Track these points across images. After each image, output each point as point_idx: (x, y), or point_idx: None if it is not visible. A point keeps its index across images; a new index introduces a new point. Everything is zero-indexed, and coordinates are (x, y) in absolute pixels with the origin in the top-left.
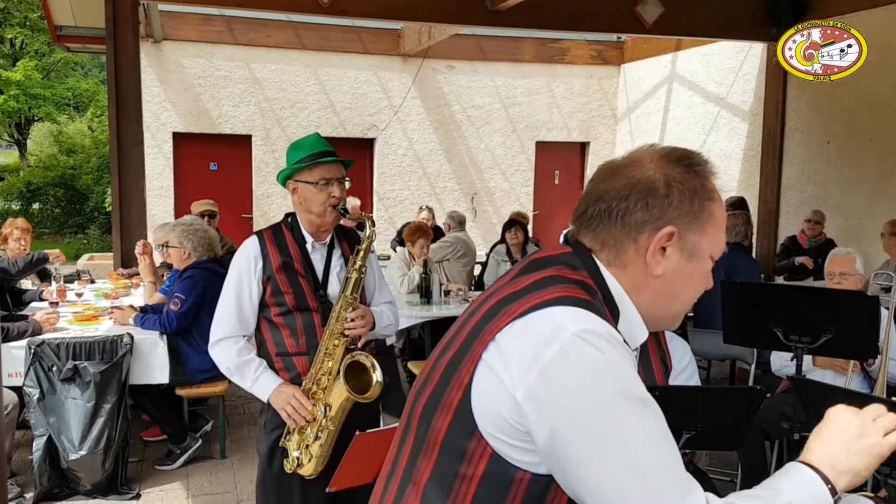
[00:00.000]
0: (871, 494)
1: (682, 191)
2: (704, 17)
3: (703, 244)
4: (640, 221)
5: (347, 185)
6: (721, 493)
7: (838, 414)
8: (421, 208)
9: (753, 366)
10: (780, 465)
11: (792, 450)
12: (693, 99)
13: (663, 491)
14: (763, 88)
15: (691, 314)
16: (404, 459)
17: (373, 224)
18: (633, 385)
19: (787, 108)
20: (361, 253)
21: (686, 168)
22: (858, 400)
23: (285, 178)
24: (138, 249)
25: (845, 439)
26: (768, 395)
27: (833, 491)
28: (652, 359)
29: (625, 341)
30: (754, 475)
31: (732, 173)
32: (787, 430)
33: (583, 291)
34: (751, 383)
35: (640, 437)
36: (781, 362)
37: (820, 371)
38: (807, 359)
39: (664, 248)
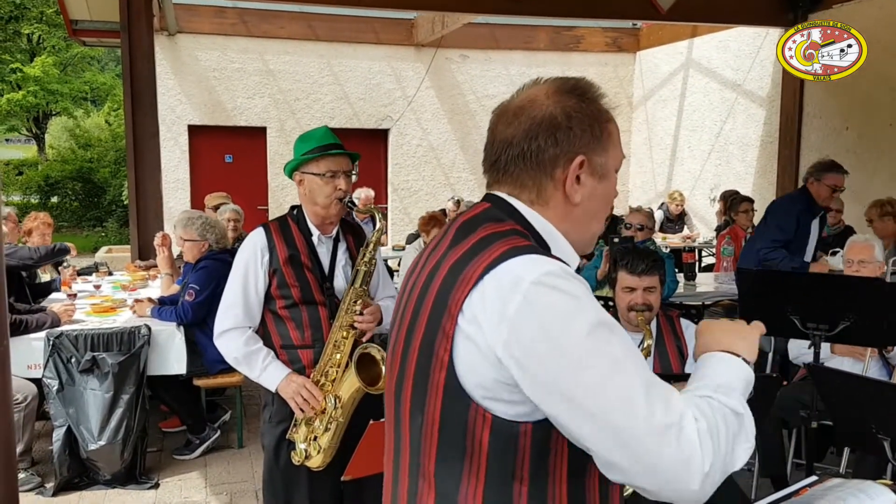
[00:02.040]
0: (890, 482)
1: (581, 119)
2: (720, 2)
3: (609, 163)
4: (552, 157)
5: (354, 178)
6: (740, 485)
7: (708, 322)
8: (452, 199)
9: (771, 353)
10: (797, 454)
11: (810, 438)
12: (709, 85)
13: (651, 403)
14: (780, 74)
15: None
16: (405, 457)
17: (383, 217)
18: (596, 314)
19: (804, 93)
20: (371, 246)
21: (580, 97)
22: (875, 387)
23: (292, 170)
24: (157, 241)
25: (724, 330)
26: (785, 382)
27: (746, 361)
28: (668, 347)
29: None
30: (771, 464)
31: (749, 160)
32: (805, 417)
33: (520, 238)
34: (768, 371)
35: (614, 362)
36: (799, 350)
37: (838, 358)
38: (825, 346)
39: (578, 177)
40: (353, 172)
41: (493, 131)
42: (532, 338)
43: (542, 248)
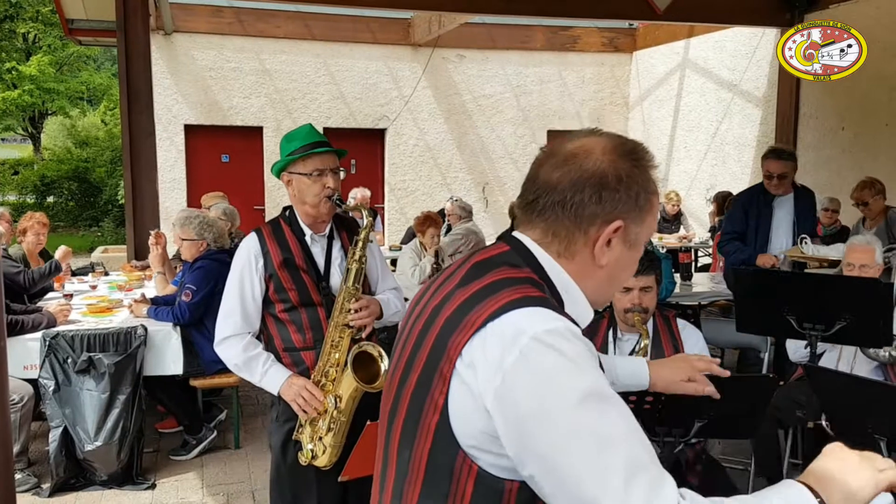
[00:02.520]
0: None
1: (630, 185)
2: (717, 2)
3: (643, 234)
4: (592, 215)
5: (343, 175)
6: (736, 482)
7: (836, 447)
8: (451, 199)
9: (767, 354)
10: (793, 453)
11: (806, 438)
12: (706, 86)
13: (630, 490)
14: (777, 74)
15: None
16: (389, 486)
17: (370, 214)
18: (592, 382)
19: (800, 93)
20: (360, 243)
21: (634, 162)
22: (871, 387)
23: (279, 171)
24: (151, 239)
25: (843, 464)
26: (781, 382)
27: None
28: (665, 347)
29: (584, 333)
30: (767, 464)
31: (746, 160)
32: (801, 418)
33: (530, 287)
34: (764, 371)
35: (602, 436)
36: (798, 349)
37: (835, 355)
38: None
39: (610, 241)
40: (341, 169)
41: (538, 170)
42: (521, 394)
43: (555, 300)
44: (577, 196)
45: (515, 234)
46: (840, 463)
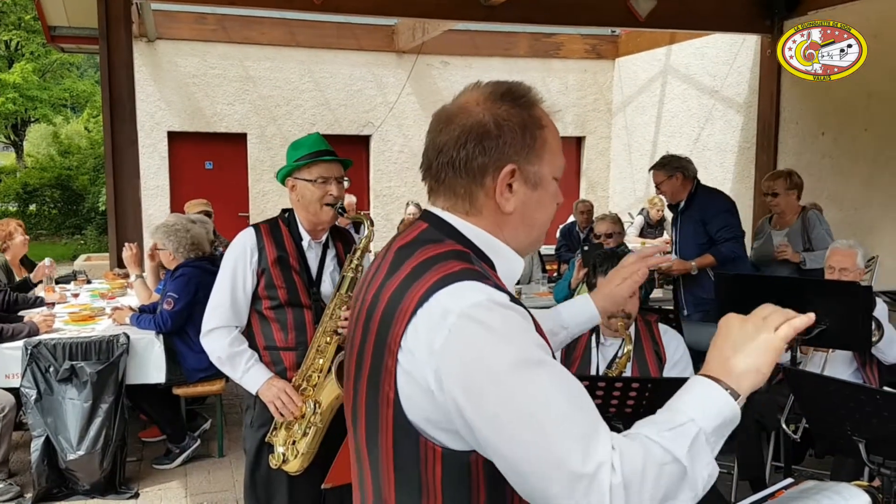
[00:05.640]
0: (865, 483)
1: (512, 127)
2: (698, 9)
3: (544, 171)
4: (481, 166)
5: (346, 184)
6: (719, 487)
7: (727, 322)
8: (408, 204)
9: None
10: (776, 455)
11: (788, 440)
12: (688, 92)
13: (566, 450)
14: (757, 80)
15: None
16: (369, 488)
17: (371, 224)
18: (522, 350)
19: (781, 99)
20: (359, 252)
21: (511, 103)
22: (850, 389)
23: (284, 176)
24: (125, 253)
25: (736, 342)
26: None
27: (735, 394)
28: (646, 351)
29: (514, 300)
30: (750, 466)
31: (728, 165)
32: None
33: (454, 261)
34: None
35: (535, 402)
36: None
37: (819, 357)
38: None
39: (510, 185)
40: (346, 178)
41: (429, 137)
42: (454, 374)
43: (484, 262)
44: (462, 152)
45: (427, 207)
46: (735, 339)
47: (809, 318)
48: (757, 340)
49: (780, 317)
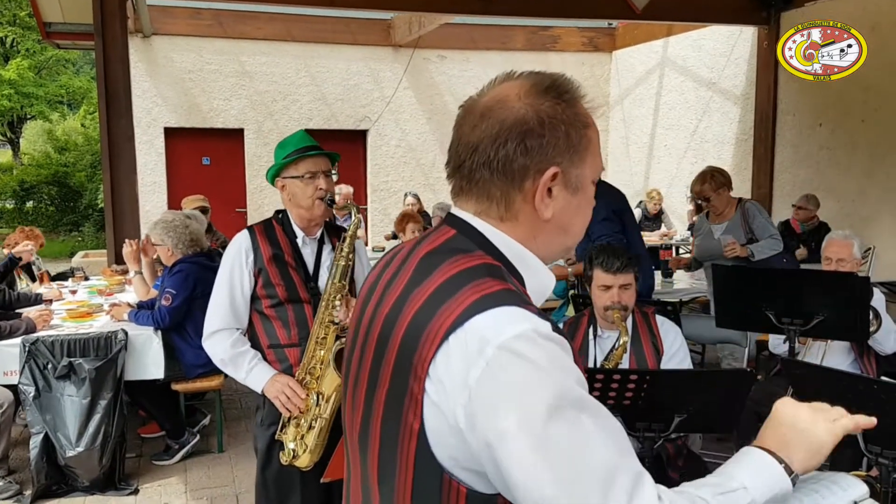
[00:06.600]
0: (863, 473)
1: (556, 125)
2: (695, 1)
3: (586, 173)
4: (522, 168)
5: (335, 178)
6: None
7: (786, 402)
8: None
9: (747, 349)
10: None
11: None
12: (685, 84)
13: (609, 498)
14: (755, 72)
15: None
16: None
17: (358, 212)
18: (567, 389)
19: (778, 91)
20: (348, 240)
21: (556, 99)
22: (848, 380)
23: (273, 176)
24: (125, 250)
25: (796, 420)
26: (759, 377)
27: (788, 469)
28: (644, 343)
29: (555, 328)
30: None
31: (725, 157)
32: None
33: (490, 280)
34: (744, 366)
35: (577, 449)
36: (778, 341)
37: (817, 347)
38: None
39: (550, 190)
40: (334, 172)
41: (458, 132)
42: (490, 409)
43: (514, 278)
44: (501, 151)
45: (455, 211)
46: (794, 419)
47: (871, 421)
48: (816, 422)
49: (843, 412)
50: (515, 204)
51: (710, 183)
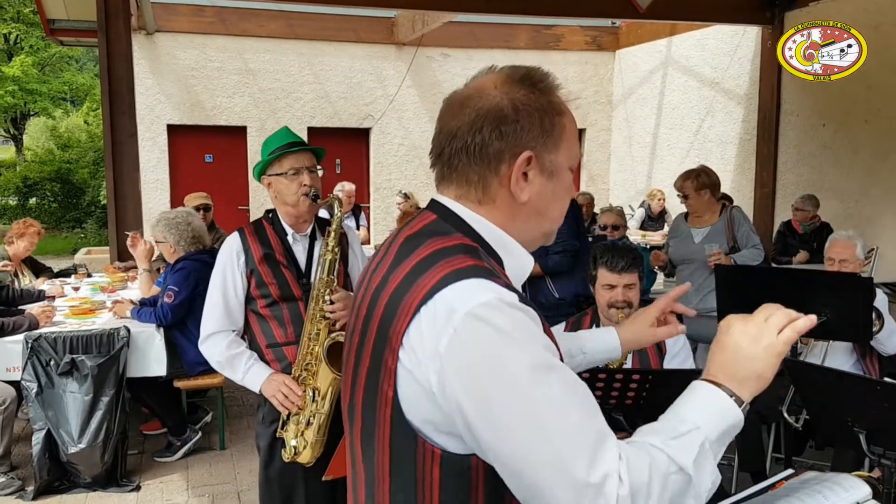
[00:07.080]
0: (866, 474)
1: (530, 112)
2: (698, 1)
3: (560, 160)
4: (497, 152)
5: (320, 173)
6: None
7: (729, 325)
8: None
9: None
10: (776, 447)
11: (788, 432)
12: (688, 83)
13: (573, 459)
14: (758, 72)
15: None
16: (361, 485)
17: (340, 205)
18: (531, 354)
19: (782, 90)
20: (332, 234)
21: (530, 88)
22: (850, 381)
23: (260, 174)
24: (129, 241)
25: (738, 345)
26: None
27: (739, 401)
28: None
29: (522, 299)
30: (751, 458)
31: (728, 157)
32: (782, 412)
33: (465, 256)
34: None
35: (543, 409)
36: None
37: (819, 348)
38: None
39: (525, 174)
40: (319, 168)
41: (440, 122)
42: (459, 374)
43: (492, 258)
44: (478, 136)
45: (436, 197)
46: (737, 346)
47: (811, 320)
48: (759, 345)
49: (783, 318)
50: (492, 188)
51: (693, 181)
